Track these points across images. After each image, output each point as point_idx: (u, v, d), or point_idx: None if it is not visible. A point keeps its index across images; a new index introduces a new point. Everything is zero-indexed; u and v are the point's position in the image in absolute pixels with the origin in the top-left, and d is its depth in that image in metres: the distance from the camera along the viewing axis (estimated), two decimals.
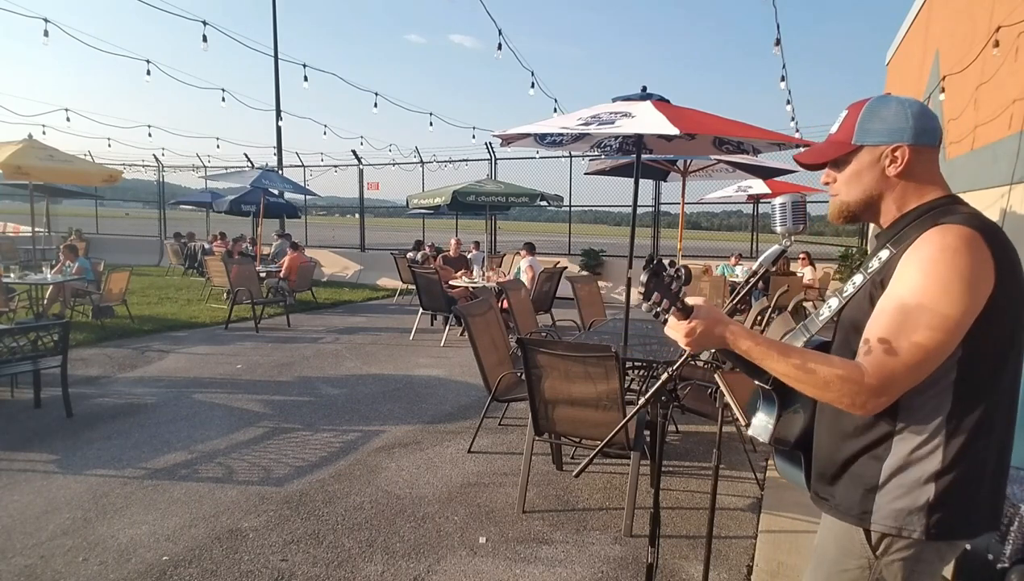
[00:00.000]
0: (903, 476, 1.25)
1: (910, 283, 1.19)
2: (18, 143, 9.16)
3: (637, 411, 1.65)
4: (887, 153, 1.30)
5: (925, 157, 1.30)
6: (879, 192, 1.34)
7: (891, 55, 10.15)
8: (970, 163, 5.42)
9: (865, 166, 1.33)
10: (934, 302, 1.16)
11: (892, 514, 1.25)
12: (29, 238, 13.29)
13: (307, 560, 2.95)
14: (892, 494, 1.25)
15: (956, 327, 1.16)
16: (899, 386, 1.19)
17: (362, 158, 16.11)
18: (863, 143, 1.32)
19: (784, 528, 3.25)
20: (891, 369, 1.17)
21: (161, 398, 5.39)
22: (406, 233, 25.30)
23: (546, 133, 4.83)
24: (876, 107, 1.32)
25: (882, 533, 1.27)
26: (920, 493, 1.23)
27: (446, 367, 6.78)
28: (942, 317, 1.15)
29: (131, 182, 26.98)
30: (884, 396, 1.19)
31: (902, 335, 1.17)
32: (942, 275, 1.16)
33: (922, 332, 1.15)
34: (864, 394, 1.18)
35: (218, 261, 10.44)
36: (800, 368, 1.22)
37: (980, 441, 1.22)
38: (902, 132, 1.29)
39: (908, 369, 1.17)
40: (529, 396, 3.45)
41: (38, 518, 3.28)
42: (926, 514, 1.23)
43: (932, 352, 1.16)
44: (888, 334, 1.18)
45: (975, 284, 1.16)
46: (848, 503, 1.31)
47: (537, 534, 3.24)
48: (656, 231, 13.44)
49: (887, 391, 1.18)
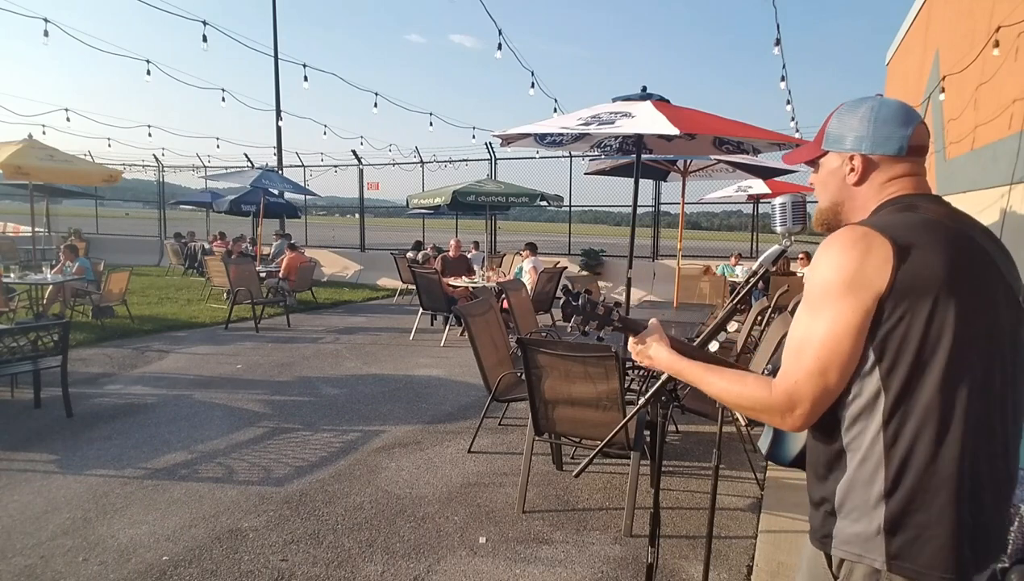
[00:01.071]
0: (854, 498, 1.17)
1: (806, 288, 1.20)
2: (18, 143, 9.16)
3: (637, 411, 1.65)
4: (846, 161, 1.30)
5: (885, 166, 1.27)
6: (841, 200, 1.33)
7: (891, 55, 10.15)
8: (970, 163, 5.42)
9: (829, 173, 1.34)
10: (815, 305, 1.17)
11: (850, 539, 1.18)
12: (29, 238, 13.29)
13: (307, 560, 2.95)
14: (849, 517, 1.19)
15: (843, 327, 1.12)
16: (807, 396, 1.15)
17: (362, 158, 16.12)
18: (829, 149, 1.33)
19: (784, 528, 3.25)
20: (791, 382, 1.16)
21: (161, 398, 5.39)
22: (406, 233, 25.30)
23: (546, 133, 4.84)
24: (844, 112, 1.31)
25: (842, 559, 1.20)
26: (873, 516, 1.15)
27: (446, 367, 6.78)
28: (827, 319, 1.14)
29: (131, 182, 27.02)
30: (796, 410, 1.16)
31: (798, 346, 1.18)
32: (823, 275, 1.16)
33: (814, 338, 1.15)
34: (775, 411, 1.18)
35: (218, 261, 10.45)
36: (721, 389, 1.27)
37: (928, 452, 1.10)
38: (860, 141, 1.27)
39: (809, 379, 1.15)
40: (529, 396, 3.46)
41: (38, 518, 3.28)
42: (884, 540, 1.14)
43: (825, 358, 1.14)
44: (790, 347, 1.20)
45: (857, 280, 1.12)
46: (814, 525, 1.28)
47: (537, 534, 3.24)
48: (656, 231, 13.45)
49: (796, 405, 1.16)
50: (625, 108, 4.42)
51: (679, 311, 10.62)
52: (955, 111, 5.95)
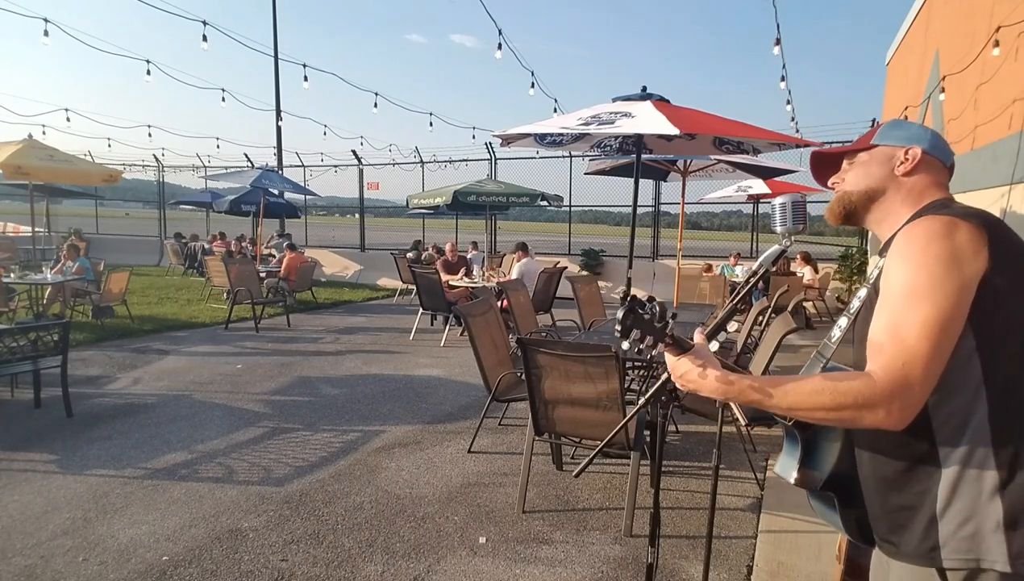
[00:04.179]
0: (962, 497, 1.12)
1: (893, 279, 1.17)
2: (18, 143, 9.16)
3: (637, 411, 1.65)
4: (900, 154, 1.34)
5: (935, 168, 1.33)
6: (882, 187, 1.35)
7: (891, 55, 10.15)
8: (970, 163, 5.42)
9: (877, 160, 1.36)
10: (919, 290, 1.12)
11: (963, 544, 1.11)
12: (29, 238, 13.29)
13: (307, 560, 2.95)
14: (955, 521, 1.13)
15: (948, 308, 1.10)
16: (915, 385, 1.09)
17: (362, 158, 16.12)
18: (881, 143, 1.37)
19: (784, 528, 3.25)
20: (899, 366, 1.09)
21: (161, 398, 5.39)
22: (406, 233, 25.29)
23: (546, 133, 4.84)
24: (899, 121, 1.42)
25: (959, 569, 1.13)
26: (988, 512, 1.10)
27: (446, 367, 6.78)
28: (930, 302, 1.10)
29: (131, 182, 27.03)
30: (901, 400, 1.08)
31: (898, 331, 1.11)
32: (919, 261, 1.14)
33: (917, 322, 1.10)
34: (880, 404, 1.08)
35: (218, 261, 10.45)
36: (807, 397, 1.14)
37: None
38: (919, 139, 1.34)
39: (922, 361, 1.09)
40: (529, 396, 3.45)
41: (38, 518, 3.28)
42: (1004, 535, 1.08)
43: (934, 339, 1.09)
44: (886, 335, 1.13)
45: (956, 263, 1.11)
46: (912, 543, 1.19)
47: (537, 534, 3.24)
48: (656, 231, 13.45)
49: (904, 394, 1.09)
50: (625, 108, 4.42)
51: (679, 311, 10.62)
52: (955, 111, 5.95)
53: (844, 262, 11.34)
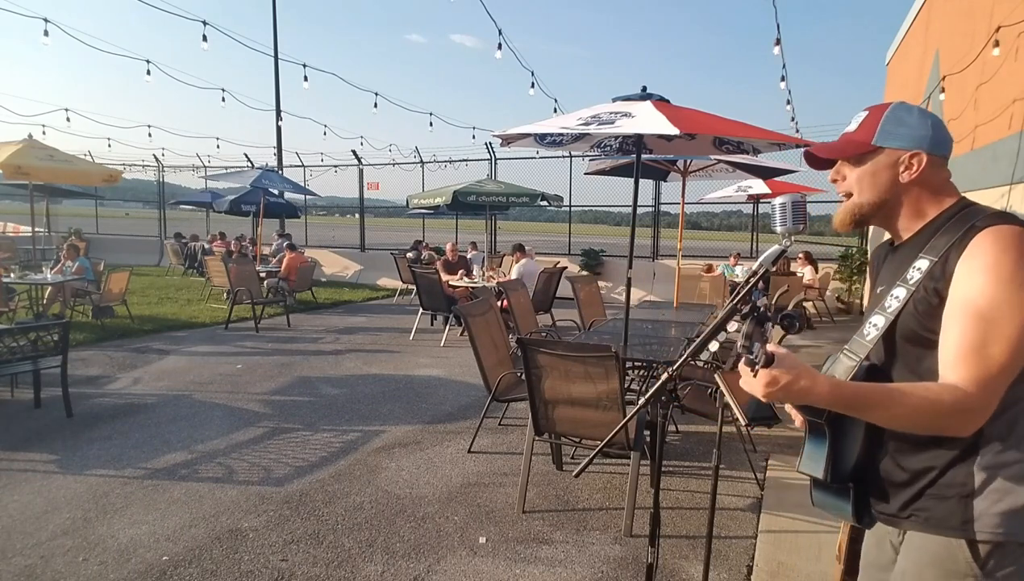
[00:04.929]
0: (1002, 473, 1.18)
1: (980, 290, 1.16)
2: (18, 143, 9.16)
3: (637, 411, 1.65)
4: (905, 158, 1.30)
5: (940, 166, 1.32)
6: (894, 196, 1.33)
7: (891, 55, 10.16)
8: (970, 163, 5.41)
9: (882, 168, 1.33)
10: (1012, 303, 1.14)
11: (998, 519, 1.17)
12: (29, 238, 13.29)
13: (307, 560, 2.95)
14: (993, 497, 1.18)
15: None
16: (999, 390, 1.15)
17: (362, 158, 16.12)
18: (884, 145, 1.32)
19: (784, 528, 3.25)
20: (990, 379, 1.13)
21: (161, 398, 5.39)
22: (406, 233, 25.30)
23: (546, 133, 4.83)
24: (900, 112, 1.33)
25: (991, 542, 1.17)
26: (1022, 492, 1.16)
27: (446, 367, 6.78)
28: (1017, 311, 1.13)
29: (131, 182, 27.04)
30: (986, 412, 1.15)
31: (992, 343, 1.14)
32: (1012, 275, 1.15)
33: (1010, 335, 1.13)
34: (974, 412, 1.14)
35: (218, 261, 10.45)
36: (915, 405, 1.16)
37: None
38: (923, 140, 1.30)
39: (1005, 375, 1.14)
40: (529, 396, 3.45)
41: (38, 518, 3.28)
42: None
43: (1020, 353, 1.14)
44: (977, 345, 1.15)
45: None
46: (944, 514, 1.22)
47: (537, 534, 3.24)
48: (656, 231, 13.45)
49: (991, 404, 1.14)
50: (625, 108, 4.41)
51: (679, 311, 10.62)
52: (955, 111, 5.95)
53: (844, 262, 11.35)
